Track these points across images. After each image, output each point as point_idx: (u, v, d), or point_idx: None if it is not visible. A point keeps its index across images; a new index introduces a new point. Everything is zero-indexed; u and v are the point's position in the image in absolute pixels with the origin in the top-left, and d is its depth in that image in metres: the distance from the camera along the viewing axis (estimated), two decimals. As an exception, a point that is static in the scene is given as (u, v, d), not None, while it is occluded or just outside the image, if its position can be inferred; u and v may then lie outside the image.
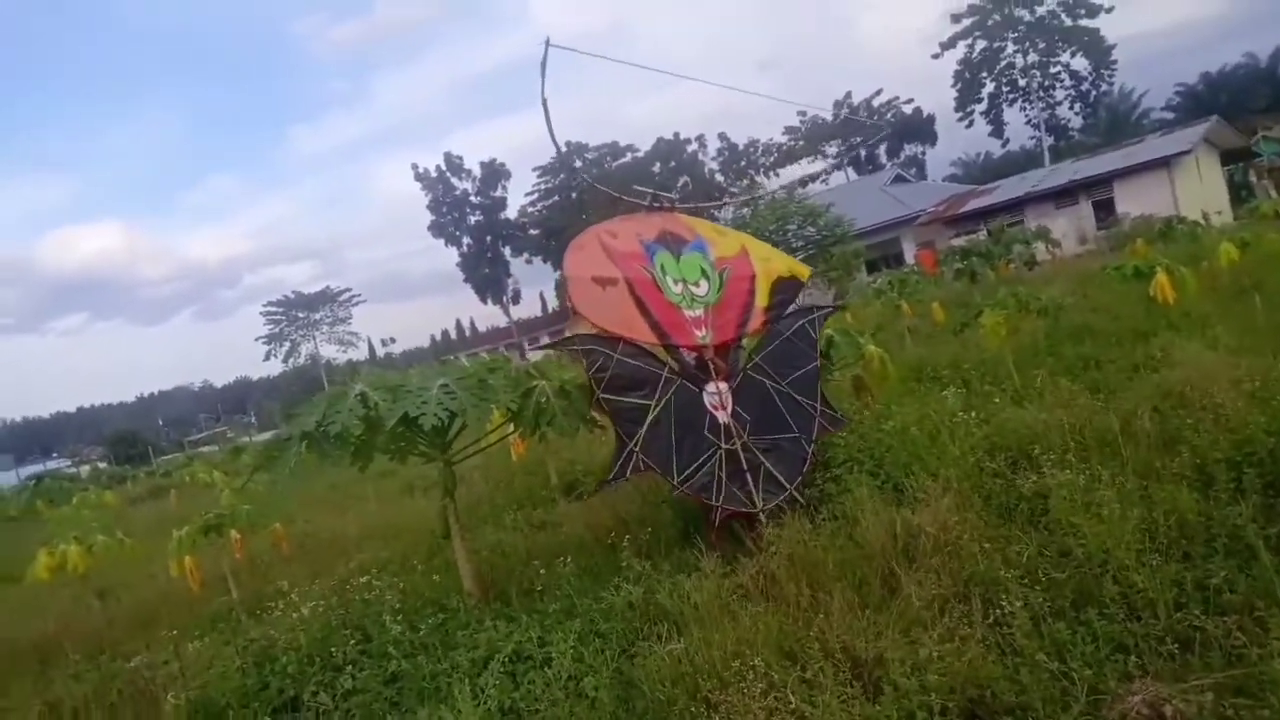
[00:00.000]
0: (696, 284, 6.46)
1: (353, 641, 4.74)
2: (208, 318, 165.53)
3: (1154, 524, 4.35)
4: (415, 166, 70.03)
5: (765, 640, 4.00)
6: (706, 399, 6.16)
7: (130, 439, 63.37)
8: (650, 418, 5.87)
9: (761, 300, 6.67)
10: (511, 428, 6.54)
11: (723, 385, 6.23)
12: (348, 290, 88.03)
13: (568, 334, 6.55)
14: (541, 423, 5.64)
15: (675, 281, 6.39)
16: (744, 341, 6.72)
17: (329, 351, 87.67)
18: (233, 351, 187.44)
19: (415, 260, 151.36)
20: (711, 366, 6.26)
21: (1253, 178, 42.41)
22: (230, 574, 7.96)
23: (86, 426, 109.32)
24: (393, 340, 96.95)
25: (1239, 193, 40.59)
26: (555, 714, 3.91)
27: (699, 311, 6.35)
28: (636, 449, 5.75)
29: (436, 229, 71.11)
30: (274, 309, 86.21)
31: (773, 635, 4.05)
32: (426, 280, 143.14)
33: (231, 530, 8.04)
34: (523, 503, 8.94)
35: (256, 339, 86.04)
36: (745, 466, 6.03)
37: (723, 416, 6.13)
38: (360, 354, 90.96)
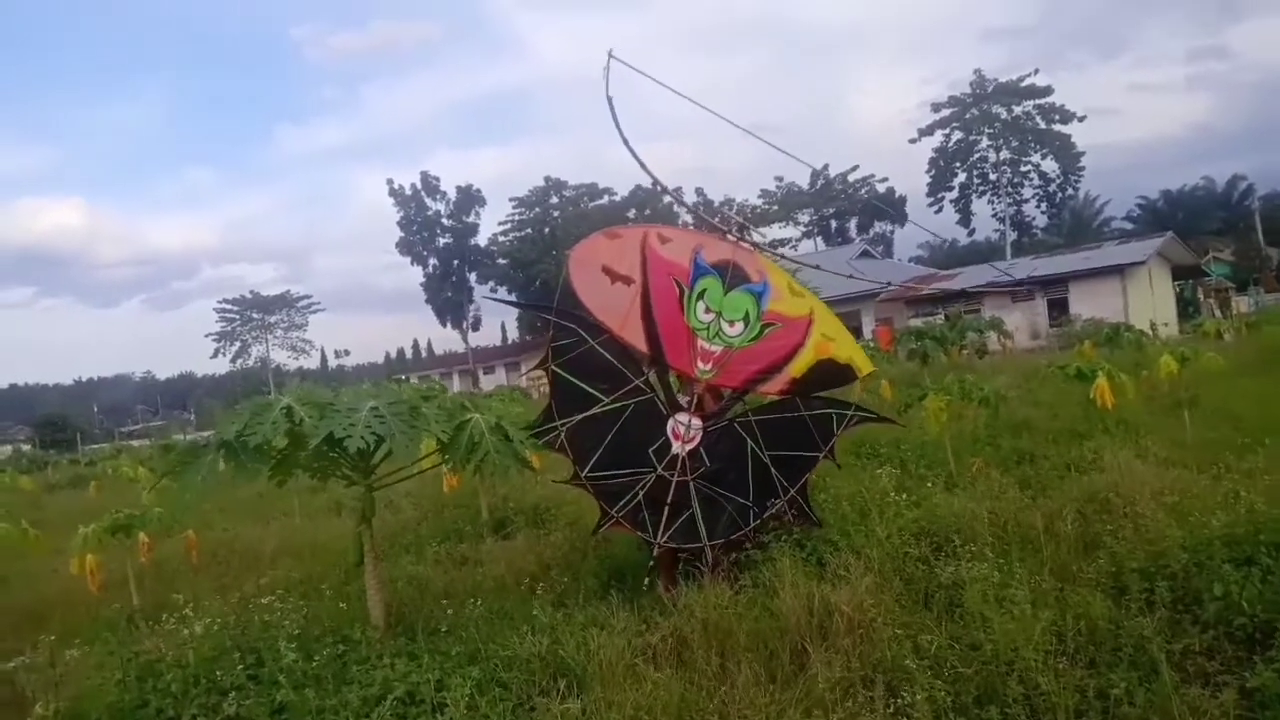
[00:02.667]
0: (731, 323, 6.22)
1: (242, 666, 4.54)
2: (159, 307, 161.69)
3: (1065, 627, 4.37)
4: (391, 182, 69.85)
5: (666, 708, 3.92)
6: (670, 424, 6.08)
7: (60, 423, 61.42)
8: (595, 410, 5.90)
9: (796, 370, 6.27)
10: (442, 459, 6.41)
11: (696, 420, 6.11)
12: (308, 297, 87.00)
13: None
14: (474, 458, 5.52)
15: (708, 310, 6.20)
16: (748, 394, 6.49)
17: (280, 356, 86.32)
18: (180, 345, 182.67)
19: (380, 275, 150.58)
20: (695, 400, 6.14)
21: (1200, 295, 44.05)
22: (134, 578, 7.66)
23: (18, 405, 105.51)
24: (347, 352, 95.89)
25: (1186, 308, 42.09)
26: (441, 764, 3.77)
27: (717, 348, 6.17)
28: (561, 430, 5.85)
29: (405, 246, 70.76)
30: (229, 307, 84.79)
31: (674, 703, 3.97)
32: (388, 296, 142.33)
33: (140, 532, 7.75)
34: (449, 535, 8.74)
35: (207, 335, 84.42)
36: (670, 499, 5.95)
37: (678, 447, 6.04)
38: (312, 363, 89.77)
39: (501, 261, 69.16)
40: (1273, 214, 62.53)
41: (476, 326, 73.74)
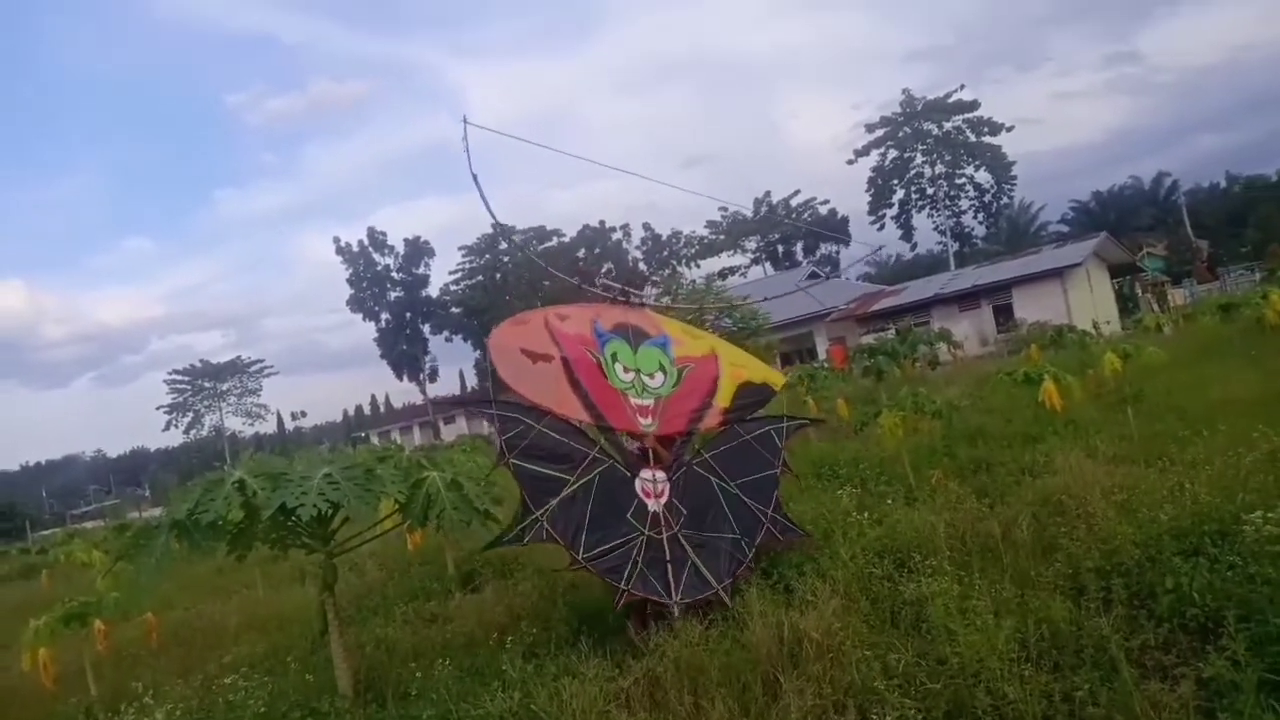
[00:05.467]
0: (651, 375, 6.46)
1: (207, 750, 4.42)
2: (108, 384, 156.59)
3: (1027, 632, 4.43)
4: (337, 240, 69.51)
5: (641, 752, 3.89)
6: (638, 484, 6.10)
7: (7, 511, 59.30)
8: (566, 492, 5.81)
9: (722, 401, 6.61)
10: (401, 519, 6.35)
11: (660, 474, 6.18)
12: (259, 361, 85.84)
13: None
14: (431, 515, 5.49)
15: (626, 370, 6.39)
16: (694, 436, 6.65)
17: (235, 423, 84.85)
18: (131, 420, 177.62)
19: (332, 334, 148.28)
20: (651, 454, 6.23)
21: (1138, 291, 45.37)
22: (90, 668, 7.40)
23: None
24: (303, 414, 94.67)
25: (1126, 304, 43.31)
26: (418, 832, 3.70)
27: (648, 401, 6.33)
28: (543, 519, 5.67)
29: (356, 303, 70.22)
30: (179, 377, 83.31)
31: (649, 746, 3.94)
32: (343, 354, 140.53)
33: (96, 620, 7.52)
34: (416, 594, 8.60)
35: (158, 408, 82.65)
36: (669, 557, 5.92)
37: (653, 504, 6.06)
38: (269, 427, 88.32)
39: (455, 310, 68.97)
40: (1198, 207, 65.03)
41: (434, 377, 73.26)
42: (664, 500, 6.11)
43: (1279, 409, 7.77)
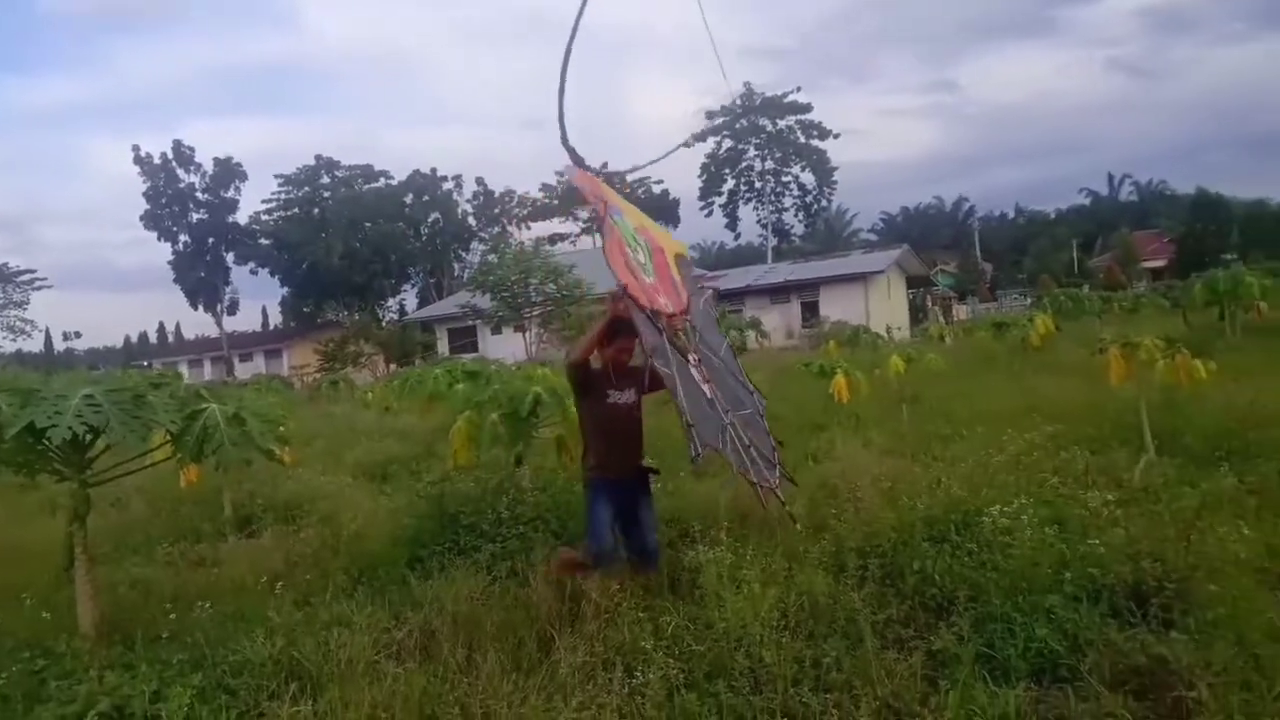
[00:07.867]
0: (635, 250, 5.36)
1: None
2: None
3: (789, 603, 4.74)
4: (137, 149, 62.83)
5: (406, 703, 3.86)
6: (694, 372, 5.14)
7: None
8: (681, 389, 4.64)
9: (677, 274, 5.82)
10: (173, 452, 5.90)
11: (694, 357, 5.23)
12: (30, 272, 76.56)
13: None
14: (207, 450, 5.13)
15: (627, 246, 5.30)
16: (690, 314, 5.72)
17: (-8, 338, 75.62)
18: None
19: (121, 251, 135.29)
20: (682, 337, 5.28)
21: (929, 303, 49.44)
22: None
23: None
24: (77, 335, 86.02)
25: (917, 314, 47.07)
26: (154, 780, 3.49)
27: (652, 279, 5.36)
28: (694, 425, 4.43)
29: (151, 220, 64.05)
30: (-74, 280, 73.07)
31: (415, 697, 3.91)
32: (131, 274, 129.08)
33: None
34: (185, 534, 8.04)
35: (-107, 313, 72.20)
36: (747, 441, 5.04)
37: (709, 390, 5.12)
38: (35, 345, 79.34)
39: (265, 242, 64.57)
40: (988, 232, 71.66)
41: (234, 310, 68.30)
42: (711, 384, 5.17)
43: (1028, 419, 8.67)
